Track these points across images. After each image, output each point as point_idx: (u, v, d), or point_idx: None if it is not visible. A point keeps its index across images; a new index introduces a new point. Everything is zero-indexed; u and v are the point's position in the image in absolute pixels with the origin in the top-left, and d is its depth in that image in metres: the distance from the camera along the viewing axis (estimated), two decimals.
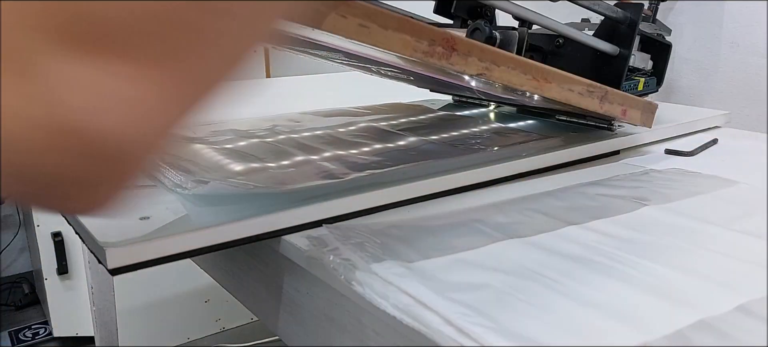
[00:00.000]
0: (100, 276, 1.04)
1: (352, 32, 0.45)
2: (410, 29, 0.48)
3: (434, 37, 0.49)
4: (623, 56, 0.74)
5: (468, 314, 0.37)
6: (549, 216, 0.54)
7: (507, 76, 0.55)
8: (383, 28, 0.46)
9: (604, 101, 0.64)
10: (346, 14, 0.44)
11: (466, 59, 0.52)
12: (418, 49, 0.49)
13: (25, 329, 1.89)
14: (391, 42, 0.47)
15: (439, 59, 0.50)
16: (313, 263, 0.47)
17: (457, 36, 0.51)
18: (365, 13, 0.45)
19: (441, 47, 0.50)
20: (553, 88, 0.59)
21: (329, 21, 0.44)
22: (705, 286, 0.42)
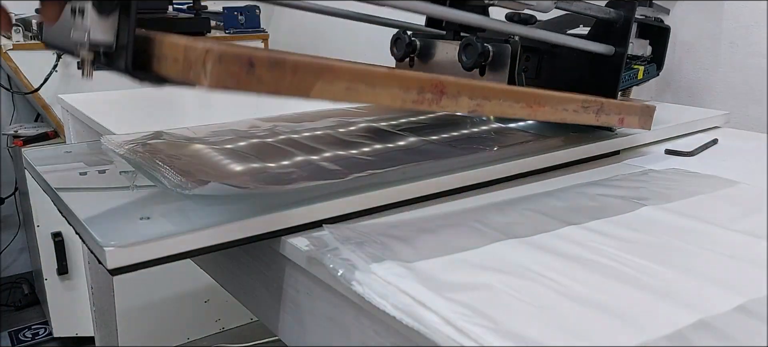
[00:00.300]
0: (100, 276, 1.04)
1: (341, 96, 0.46)
2: (398, 82, 0.48)
3: (422, 85, 0.50)
4: (619, 55, 0.74)
5: (468, 314, 0.37)
6: (549, 216, 0.54)
7: (499, 109, 0.56)
8: (371, 87, 0.47)
9: (601, 114, 0.64)
10: (333, 81, 0.45)
11: (457, 100, 0.52)
12: (407, 99, 0.49)
13: (25, 329, 1.89)
14: (379, 98, 0.48)
15: (430, 105, 0.51)
16: (313, 263, 0.47)
17: (445, 79, 0.51)
18: (351, 76, 0.46)
19: (430, 93, 0.50)
20: (547, 111, 0.59)
21: (316, 90, 0.44)
22: (705, 286, 0.42)
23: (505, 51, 0.66)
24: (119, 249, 0.43)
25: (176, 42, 0.42)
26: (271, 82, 0.42)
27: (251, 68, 0.41)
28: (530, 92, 0.58)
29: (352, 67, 0.46)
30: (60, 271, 1.60)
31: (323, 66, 0.44)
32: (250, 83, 0.41)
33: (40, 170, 0.63)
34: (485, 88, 0.54)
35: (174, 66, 0.43)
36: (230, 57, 0.40)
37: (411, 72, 0.50)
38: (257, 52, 0.41)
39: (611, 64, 0.74)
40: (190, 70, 0.41)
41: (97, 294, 1.05)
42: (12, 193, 1.95)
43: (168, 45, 0.43)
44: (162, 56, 0.44)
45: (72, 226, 0.51)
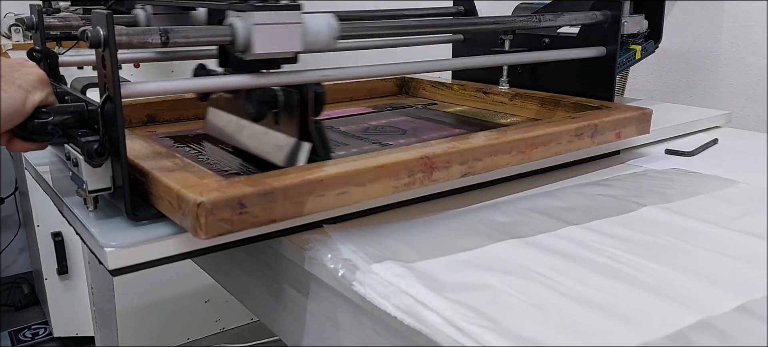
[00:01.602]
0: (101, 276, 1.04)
1: (334, 203, 0.46)
2: (386, 172, 0.49)
3: (411, 168, 0.50)
4: (611, 55, 0.74)
5: (468, 314, 0.37)
6: (549, 216, 0.54)
7: (492, 164, 0.55)
8: (361, 186, 0.47)
9: (596, 136, 0.63)
10: (323, 192, 0.46)
11: (448, 170, 0.52)
12: (399, 185, 0.50)
13: (25, 329, 1.89)
14: (372, 192, 0.48)
15: (422, 183, 0.51)
16: (313, 263, 0.47)
17: (433, 153, 0.51)
18: (340, 181, 0.46)
19: (420, 173, 0.50)
20: (540, 151, 0.59)
21: (309, 206, 0.45)
22: (705, 286, 0.42)
23: (292, 98, 0.52)
24: (120, 250, 0.43)
25: (170, 186, 0.43)
26: (265, 215, 0.43)
27: (243, 208, 0.42)
28: (520, 139, 0.57)
29: (340, 172, 0.46)
30: (60, 271, 1.60)
31: (312, 181, 0.45)
32: (243, 222, 0.42)
33: (41, 170, 0.63)
34: (473, 149, 0.53)
35: (170, 209, 0.44)
36: (221, 205, 0.41)
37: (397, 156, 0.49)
38: (246, 190, 0.42)
39: (604, 64, 0.74)
40: (185, 220, 0.42)
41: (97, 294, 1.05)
42: (12, 193, 1.95)
43: (162, 187, 0.44)
44: (159, 196, 0.45)
45: (72, 226, 0.51)
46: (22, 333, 1.87)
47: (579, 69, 0.76)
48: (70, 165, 0.49)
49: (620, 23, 0.73)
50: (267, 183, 0.43)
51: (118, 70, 0.43)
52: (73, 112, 0.48)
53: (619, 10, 0.73)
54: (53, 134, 0.48)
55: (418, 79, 0.97)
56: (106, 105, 0.44)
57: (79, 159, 0.46)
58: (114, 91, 0.43)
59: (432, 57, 0.69)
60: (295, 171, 0.46)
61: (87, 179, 0.46)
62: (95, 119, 0.46)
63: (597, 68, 0.75)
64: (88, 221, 0.47)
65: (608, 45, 0.74)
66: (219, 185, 0.42)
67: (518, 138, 0.57)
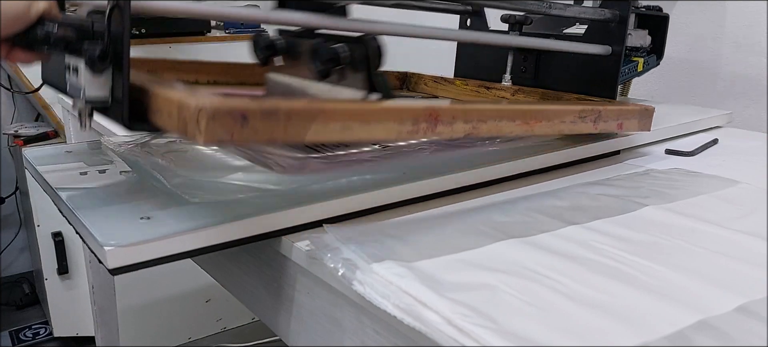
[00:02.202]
0: (101, 276, 1.04)
1: (337, 135, 0.46)
2: (392, 116, 0.48)
3: (417, 116, 0.50)
4: (616, 54, 0.74)
5: (468, 314, 0.37)
6: (549, 216, 0.54)
7: (495, 129, 0.55)
8: (365, 124, 0.47)
9: (599, 121, 0.64)
10: (328, 122, 0.45)
11: (452, 126, 0.52)
12: (402, 131, 0.49)
13: (25, 329, 1.89)
14: (375, 133, 0.48)
15: (425, 134, 0.51)
16: (313, 263, 0.47)
17: (439, 107, 0.51)
18: (345, 115, 0.46)
19: (425, 123, 0.50)
20: (544, 126, 0.59)
21: (311, 134, 0.44)
22: (705, 286, 0.42)
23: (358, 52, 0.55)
24: (120, 249, 0.43)
25: (170, 97, 0.42)
26: (266, 132, 0.42)
27: (245, 121, 0.41)
28: (526, 109, 0.57)
29: (346, 107, 0.46)
30: (60, 271, 1.60)
31: (317, 110, 0.44)
32: (244, 136, 0.41)
33: (41, 170, 0.63)
34: (480, 110, 0.54)
35: (169, 120, 0.43)
36: (223, 113, 0.40)
37: (404, 103, 0.49)
38: (250, 105, 0.41)
39: (609, 63, 0.74)
40: (185, 127, 0.41)
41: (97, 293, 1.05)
42: (12, 193, 1.95)
43: (162, 100, 0.43)
44: (157, 109, 0.44)
45: (72, 226, 0.51)
46: (23, 333, 1.87)
47: (583, 67, 0.76)
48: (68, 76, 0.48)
49: (628, 24, 0.73)
50: (272, 102, 0.43)
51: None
52: (78, 26, 0.47)
53: (627, 11, 0.73)
54: (57, 44, 0.46)
55: (419, 74, 0.97)
56: (114, 12, 0.43)
57: (80, 66, 0.45)
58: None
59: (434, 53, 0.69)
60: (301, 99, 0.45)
61: (86, 85, 0.45)
62: (100, 36, 0.45)
63: (601, 67, 0.75)
64: (88, 221, 0.47)
65: (614, 45, 0.74)
66: (222, 97, 0.42)
67: (524, 109, 0.57)
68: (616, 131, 0.68)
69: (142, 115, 0.45)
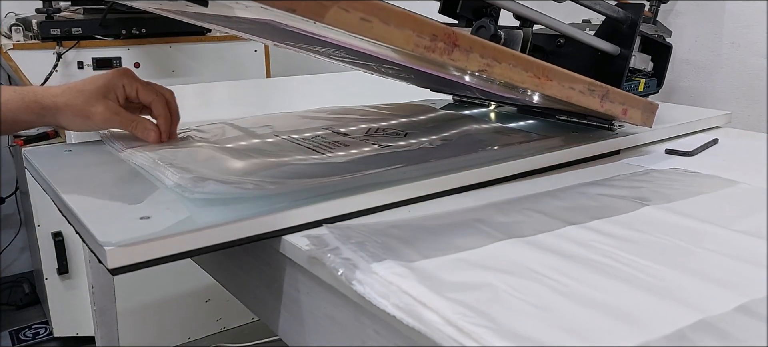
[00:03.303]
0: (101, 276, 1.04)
1: (354, 26, 0.45)
2: (412, 24, 0.48)
3: (436, 33, 0.49)
4: (624, 56, 0.74)
5: (468, 314, 0.37)
6: (549, 216, 0.54)
7: (508, 73, 0.55)
8: (385, 23, 0.47)
9: (606, 100, 0.64)
10: (349, 8, 0.44)
11: (468, 55, 0.52)
12: (419, 44, 0.49)
13: (25, 329, 1.89)
14: (393, 37, 0.47)
15: (441, 55, 0.50)
16: (313, 263, 0.47)
17: (459, 32, 0.51)
18: (367, 7, 0.45)
19: (442, 43, 0.50)
20: (554, 86, 0.59)
21: (331, 14, 0.44)
22: (705, 286, 0.42)
23: (516, 37, 0.66)
24: (119, 249, 0.43)
25: None
26: None
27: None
28: (540, 63, 0.57)
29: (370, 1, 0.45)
30: (60, 271, 1.60)
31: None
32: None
33: (41, 170, 0.63)
34: (496, 49, 0.54)
35: None
36: None
37: (428, 19, 0.49)
38: None
39: (615, 64, 0.74)
40: None
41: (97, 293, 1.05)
42: (12, 192, 1.95)
43: None
44: None
45: (72, 226, 0.51)
46: (23, 333, 1.87)
47: (589, 68, 0.76)
48: None
49: (638, 27, 0.73)
50: None
51: None
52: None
53: (639, 15, 0.73)
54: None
55: None
56: None
57: None
58: None
59: None
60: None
61: None
62: None
63: (607, 68, 0.75)
64: (87, 220, 0.47)
65: (623, 46, 0.74)
66: None
67: (538, 62, 0.58)
68: (620, 116, 0.68)
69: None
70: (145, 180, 0.58)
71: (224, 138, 0.71)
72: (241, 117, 0.82)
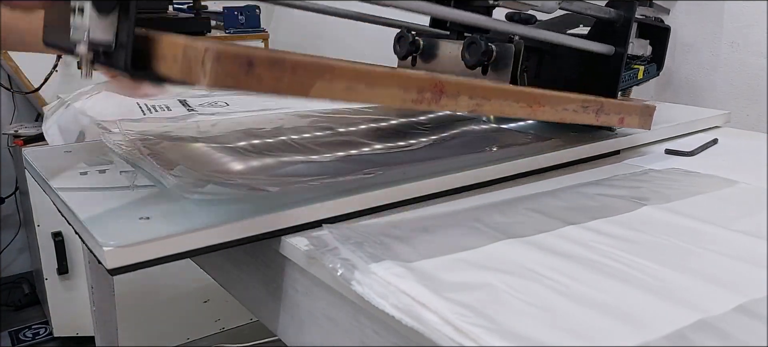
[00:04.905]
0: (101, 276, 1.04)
1: (340, 95, 0.46)
2: (397, 82, 0.48)
3: (422, 85, 0.50)
4: (619, 55, 0.74)
5: (467, 314, 0.37)
6: (549, 216, 0.54)
7: (499, 109, 0.56)
8: (370, 87, 0.47)
9: (601, 114, 0.64)
10: (332, 80, 0.45)
11: (456, 100, 0.52)
12: (407, 99, 0.49)
13: (25, 329, 1.89)
14: (379, 98, 0.48)
15: (429, 104, 0.51)
16: (312, 263, 0.47)
17: (445, 79, 0.51)
18: (351, 75, 0.46)
19: (429, 93, 0.50)
20: (547, 111, 0.60)
21: (316, 89, 0.44)
22: (705, 286, 0.42)
23: (508, 51, 0.66)
24: (119, 249, 0.43)
25: (175, 41, 0.42)
26: (271, 82, 0.42)
27: (250, 67, 0.41)
28: (530, 92, 0.58)
29: (352, 67, 0.46)
30: (60, 271, 1.60)
31: (323, 65, 0.44)
32: (249, 82, 0.41)
33: (41, 170, 0.63)
34: (485, 88, 0.54)
35: (173, 65, 0.42)
36: (229, 56, 0.40)
37: (411, 72, 0.50)
38: (256, 52, 0.41)
39: (611, 64, 0.74)
40: (189, 70, 0.41)
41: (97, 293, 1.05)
42: (12, 193, 1.95)
43: (167, 44, 0.43)
44: (161, 56, 0.44)
45: (72, 226, 0.51)
46: (22, 333, 1.87)
47: (584, 68, 0.76)
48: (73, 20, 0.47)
49: (631, 25, 0.73)
50: (278, 53, 0.42)
51: None
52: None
53: (632, 12, 0.73)
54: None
55: None
56: None
57: (86, 5, 0.44)
58: None
59: None
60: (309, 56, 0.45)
61: (90, 26, 0.44)
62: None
63: (603, 68, 0.74)
64: (87, 221, 0.47)
65: (617, 45, 0.74)
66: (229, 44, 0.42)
67: (529, 92, 0.58)
68: (617, 125, 0.68)
69: (146, 63, 0.45)
70: (145, 181, 0.58)
71: (224, 138, 0.71)
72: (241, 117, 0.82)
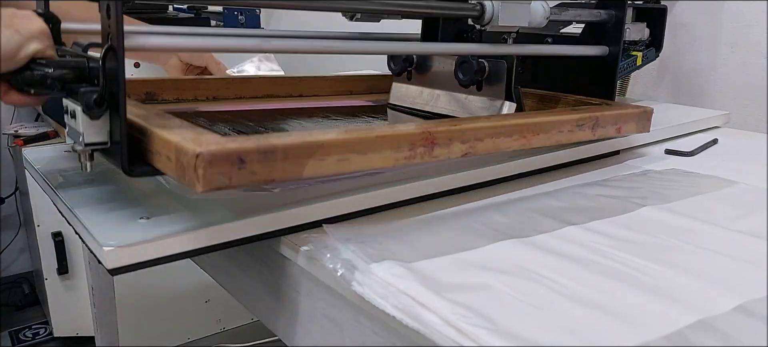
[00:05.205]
0: (101, 276, 1.04)
1: (334, 168, 0.46)
2: (388, 143, 0.48)
3: (413, 141, 0.50)
4: (613, 55, 0.74)
5: (467, 315, 0.37)
6: (549, 216, 0.54)
7: (493, 146, 0.56)
8: (362, 154, 0.47)
9: (597, 128, 0.64)
10: (324, 156, 0.45)
11: (449, 147, 0.52)
12: (399, 158, 0.50)
13: (25, 329, 1.89)
14: (372, 162, 0.48)
15: (423, 158, 0.51)
16: (313, 263, 0.47)
17: (435, 130, 0.51)
18: (341, 148, 0.46)
19: (421, 147, 0.51)
20: (541, 138, 0.59)
21: (309, 168, 0.45)
22: (705, 286, 0.42)
23: (500, 66, 0.67)
24: (119, 249, 0.43)
25: (167, 140, 0.42)
26: (264, 173, 0.42)
27: (242, 164, 0.41)
28: (522, 124, 0.57)
29: (342, 139, 0.46)
30: (60, 271, 1.60)
31: (312, 143, 0.44)
32: (242, 179, 0.42)
33: (41, 170, 0.63)
34: (476, 129, 0.54)
35: (168, 164, 0.43)
36: (221, 158, 0.40)
37: (400, 129, 0.50)
38: (246, 146, 0.41)
39: (606, 64, 0.74)
40: (183, 174, 0.41)
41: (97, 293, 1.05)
42: (12, 193, 1.95)
43: (160, 142, 0.44)
44: (155, 152, 0.44)
45: (72, 226, 0.51)
46: (23, 333, 1.87)
47: (581, 69, 0.76)
48: (67, 119, 0.48)
49: (624, 24, 0.73)
50: (268, 141, 0.43)
51: (122, 20, 0.42)
52: (73, 67, 0.47)
53: (623, 11, 0.73)
54: (52, 87, 0.46)
55: None
56: (108, 56, 0.43)
57: (77, 110, 0.45)
58: (117, 41, 0.42)
59: None
60: (296, 134, 0.45)
61: (84, 131, 0.45)
62: (96, 75, 0.45)
63: (599, 68, 0.75)
64: (87, 221, 0.47)
65: (611, 45, 0.74)
66: (218, 140, 0.42)
67: (520, 123, 0.57)
68: (614, 135, 0.67)
69: (142, 155, 0.46)
70: (145, 180, 0.58)
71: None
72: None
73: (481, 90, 0.69)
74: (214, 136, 0.43)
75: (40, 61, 0.46)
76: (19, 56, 0.45)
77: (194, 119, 0.65)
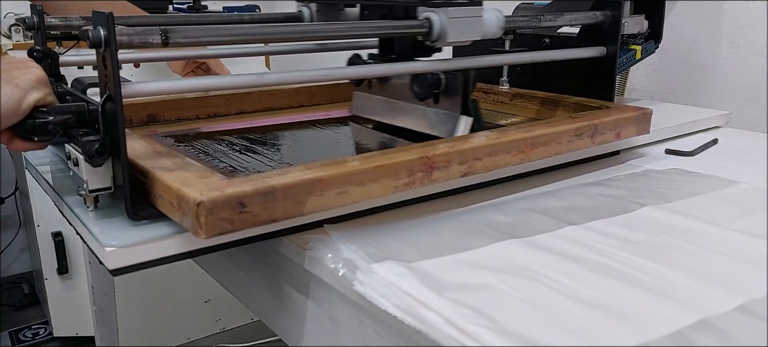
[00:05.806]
0: (101, 276, 1.04)
1: (334, 203, 0.46)
2: (387, 172, 0.49)
3: (411, 168, 0.50)
4: (611, 55, 0.74)
5: (468, 314, 0.37)
6: (549, 216, 0.54)
7: (492, 164, 0.55)
8: (361, 185, 0.47)
9: (596, 135, 0.63)
10: (323, 192, 0.45)
11: (448, 169, 0.52)
12: (399, 185, 0.50)
13: (25, 329, 1.89)
14: (373, 192, 0.48)
15: (422, 183, 0.51)
16: (313, 263, 0.47)
17: (433, 153, 0.51)
18: (339, 181, 0.46)
19: (420, 172, 0.51)
20: (540, 151, 0.59)
21: (309, 205, 0.45)
22: (705, 286, 0.42)
23: (456, 79, 0.64)
24: (120, 249, 0.43)
25: (170, 185, 0.43)
26: (265, 215, 0.43)
27: (243, 208, 0.42)
28: (520, 139, 0.57)
29: (339, 173, 0.46)
30: (60, 271, 1.60)
31: (313, 181, 0.45)
32: (244, 222, 0.42)
33: (41, 170, 0.63)
34: (473, 149, 0.54)
35: (171, 209, 0.44)
36: (221, 205, 0.41)
37: (399, 158, 0.50)
38: (246, 189, 0.42)
39: (604, 64, 0.74)
40: (186, 220, 0.42)
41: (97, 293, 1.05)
42: (12, 193, 1.95)
43: (163, 187, 0.44)
44: (158, 195, 0.45)
45: (72, 226, 0.51)
46: (23, 333, 1.87)
47: (579, 69, 0.76)
48: (70, 165, 0.49)
49: (620, 24, 0.73)
50: (267, 183, 0.43)
51: (118, 70, 0.43)
52: (73, 111, 0.48)
53: (619, 10, 0.73)
54: (54, 133, 0.48)
55: None
56: (107, 105, 0.45)
57: (80, 159, 0.46)
58: (114, 91, 0.43)
59: None
60: (294, 171, 0.46)
61: (87, 178, 0.46)
62: (96, 119, 0.46)
63: (597, 69, 0.75)
64: (88, 221, 0.47)
65: (608, 45, 0.74)
66: (219, 184, 0.42)
67: (518, 138, 0.57)
68: (614, 140, 0.67)
69: (146, 197, 0.47)
70: None
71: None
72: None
73: (438, 103, 0.67)
74: (215, 178, 0.43)
75: (42, 109, 0.48)
76: (21, 110, 0.47)
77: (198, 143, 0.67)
